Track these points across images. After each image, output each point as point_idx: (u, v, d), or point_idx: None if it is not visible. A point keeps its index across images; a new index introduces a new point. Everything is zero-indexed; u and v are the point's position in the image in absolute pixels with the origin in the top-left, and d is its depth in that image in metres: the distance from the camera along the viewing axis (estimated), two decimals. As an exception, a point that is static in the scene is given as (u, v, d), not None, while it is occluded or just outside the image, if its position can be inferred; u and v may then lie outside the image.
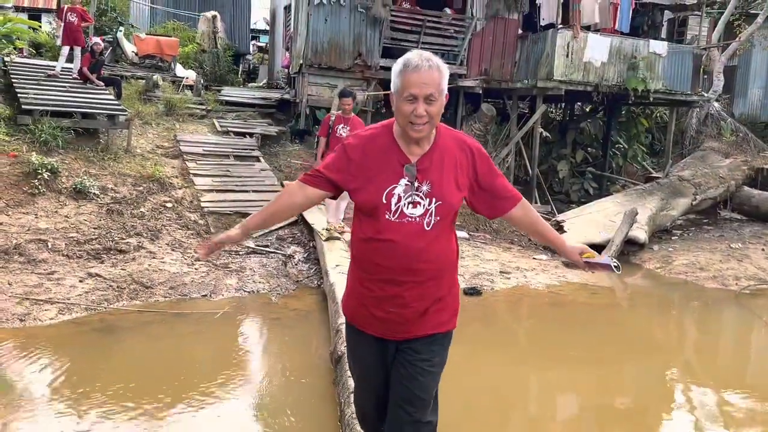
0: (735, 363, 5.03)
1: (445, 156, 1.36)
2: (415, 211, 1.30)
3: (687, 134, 10.13)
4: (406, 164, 1.32)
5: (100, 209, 6.13)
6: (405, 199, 1.30)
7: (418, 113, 1.21)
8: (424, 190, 1.31)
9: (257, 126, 8.61)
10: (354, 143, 1.38)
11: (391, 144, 1.33)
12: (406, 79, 1.23)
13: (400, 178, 1.30)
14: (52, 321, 4.27)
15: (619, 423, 3.51)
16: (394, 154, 1.32)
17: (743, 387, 4.19)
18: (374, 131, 1.41)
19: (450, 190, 1.34)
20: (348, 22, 8.46)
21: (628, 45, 7.89)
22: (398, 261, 1.30)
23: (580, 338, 5.16)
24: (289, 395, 3.43)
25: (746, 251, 6.95)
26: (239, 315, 4.87)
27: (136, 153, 7.21)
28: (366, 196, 1.32)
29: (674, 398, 4.06)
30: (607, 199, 7.81)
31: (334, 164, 1.36)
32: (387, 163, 1.32)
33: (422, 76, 1.22)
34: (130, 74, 9.34)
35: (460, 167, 1.36)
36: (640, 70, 7.78)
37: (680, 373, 4.60)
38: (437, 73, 1.24)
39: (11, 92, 7.24)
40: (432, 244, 1.33)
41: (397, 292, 1.32)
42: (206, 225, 6.36)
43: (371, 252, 1.34)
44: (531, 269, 6.38)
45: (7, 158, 6.13)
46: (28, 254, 5.10)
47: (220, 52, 10.94)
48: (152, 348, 4.20)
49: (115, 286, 4.96)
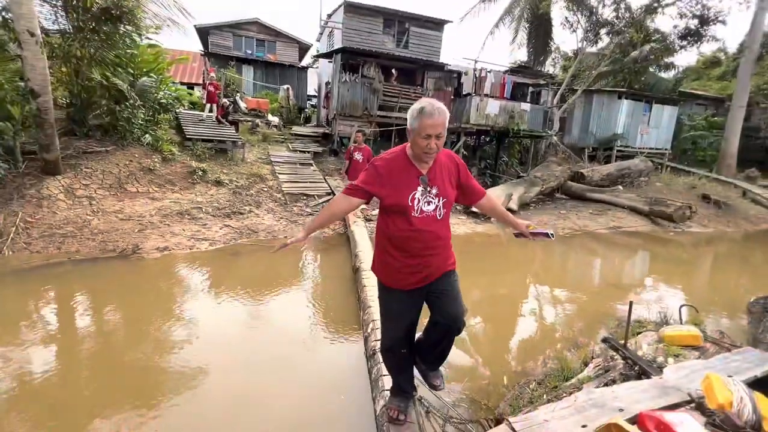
0: (560, 271, 6.69)
1: (443, 167, 1.83)
2: (429, 208, 1.76)
3: (539, 153, 13.52)
4: (420, 176, 1.76)
5: (229, 191, 8.23)
6: (422, 200, 1.74)
7: (431, 147, 1.68)
8: (434, 192, 1.76)
9: (311, 147, 11.81)
10: (381, 164, 1.78)
11: (407, 163, 1.77)
12: (422, 123, 1.63)
13: (417, 186, 1.75)
14: (206, 249, 5.76)
15: (503, 301, 4.95)
16: (411, 170, 1.76)
17: (563, 283, 5.77)
18: (394, 155, 1.82)
19: (449, 190, 1.82)
20: (360, 91, 12.06)
21: (509, 105, 11.65)
22: (425, 243, 1.78)
23: (481, 258, 6.58)
24: (330, 286, 4.92)
25: (567, 215, 9.91)
26: (303, 247, 6.27)
27: (247, 161, 9.94)
28: (395, 200, 1.73)
29: (528, 287, 5.60)
30: (497, 187, 10.34)
31: (368, 180, 1.77)
32: (407, 176, 1.75)
33: (435, 120, 1.62)
34: (243, 119, 12.56)
35: (451, 173, 1.85)
36: (516, 119, 11.55)
37: (532, 276, 6.17)
38: (443, 117, 1.65)
39: (180, 128, 10.16)
40: (441, 228, 1.82)
41: (426, 260, 1.82)
42: (285, 199, 8.56)
43: (405, 240, 1.78)
44: (457, 224, 8.17)
45: (180, 164, 8.64)
46: (193, 215, 6.95)
47: (291, 107, 14.75)
48: (258, 263, 5.61)
49: (238, 231, 6.62)
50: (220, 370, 3.08)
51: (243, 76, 16.40)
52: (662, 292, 5.85)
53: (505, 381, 2.97)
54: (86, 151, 8.04)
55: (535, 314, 4.69)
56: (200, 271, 5.29)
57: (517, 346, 3.72)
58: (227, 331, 3.74)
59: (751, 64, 15.01)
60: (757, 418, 1.66)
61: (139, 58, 9.59)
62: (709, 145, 17.20)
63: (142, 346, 3.44)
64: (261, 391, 2.88)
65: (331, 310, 4.25)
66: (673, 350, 2.74)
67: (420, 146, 1.69)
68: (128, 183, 7.82)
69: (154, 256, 5.65)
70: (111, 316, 4.06)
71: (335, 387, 2.93)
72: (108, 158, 8.14)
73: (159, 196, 7.77)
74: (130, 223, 6.62)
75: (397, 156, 1.81)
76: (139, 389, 2.86)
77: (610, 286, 5.82)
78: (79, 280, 4.83)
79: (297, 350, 3.46)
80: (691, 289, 6.12)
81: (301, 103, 17.14)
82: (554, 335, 4.05)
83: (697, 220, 10.43)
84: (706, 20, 12.65)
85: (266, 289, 4.66)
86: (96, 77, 8.27)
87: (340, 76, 12.08)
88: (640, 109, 15.16)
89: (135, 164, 8.28)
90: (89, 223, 6.33)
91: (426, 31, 14.58)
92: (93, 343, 3.50)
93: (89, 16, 7.85)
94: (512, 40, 15.83)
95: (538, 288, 5.72)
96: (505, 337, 4.08)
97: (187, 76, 18.49)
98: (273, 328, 3.91)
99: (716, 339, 2.97)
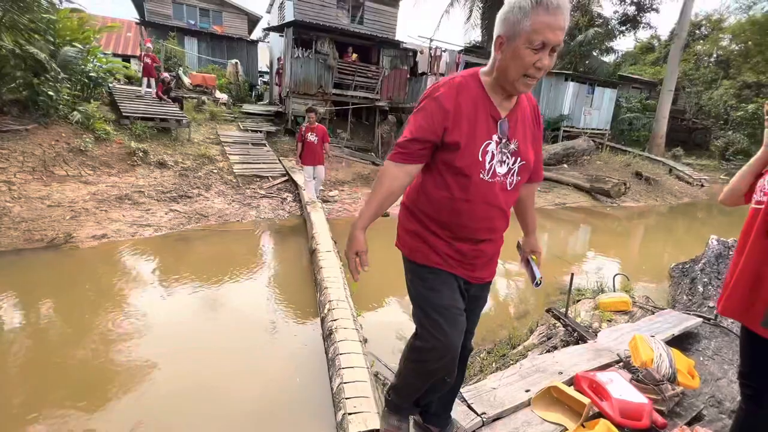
0: (509, 246, 8.92)
1: (525, 116, 1.19)
2: (501, 170, 1.14)
3: None
4: (499, 120, 1.12)
5: (174, 173, 7.87)
6: (496, 157, 1.12)
7: (543, 65, 1.01)
8: (512, 148, 1.14)
9: (264, 126, 11.35)
10: (446, 92, 1.12)
11: (482, 96, 1.12)
12: (540, 22, 0.96)
13: (492, 134, 1.11)
14: (150, 235, 5.51)
15: None
16: (485, 108, 1.11)
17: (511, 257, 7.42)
18: (462, 80, 1.14)
19: (529, 149, 1.18)
20: (314, 67, 11.79)
21: None
22: (483, 223, 1.19)
23: None
24: (286, 269, 4.83)
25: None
26: (257, 230, 6.23)
27: (194, 141, 9.41)
28: (463, 152, 1.11)
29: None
30: None
31: (429, 124, 1.12)
32: (478, 116, 1.11)
33: (559, 20, 0.97)
34: (187, 96, 11.74)
35: (531, 129, 1.21)
36: None
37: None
38: (567, 15, 0.98)
39: (115, 105, 9.43)
40: (509, 204, 1.22)
41: (478, 247, 1.25)
42: (236, 182, 8.26)
43: (455, 213, 1.19)
44: None
45: (116, 144, 7.96)
46: (134, 199, 6.61)
47: (240, 83, 14.10)
48: (209, 249, 5.39)
49: (186, 216, 6.37)
50: (171, 362, 2.96)
51: (186, 49, 15.21)
52: (600, 262, 6.37)
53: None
54: (1, 130, 7.14)
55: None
56: (144, 259, 5.00)
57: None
58: (177, 322, 3.58)
59: (679, 50, 16.26)
60: (672, 371, 1.88)
61: (60, 24, 8.56)
62: (642, 126, 18.66)
63: (83, 342, 3.21)
64: (215, 380, 2.81)
65: (287, 294, 4.20)
66: (606, 316, 3.00)
67: (523, 64, 1.04)
68: (55, 165, 7.09)
69: (90, 244, 5.22)
70: (44, 312, 3.72)
71: (292, 370, 2.92)
72: (29, 138, 7.30)
73: (93, 179, 7.15)
74: (59, 209, 6.03)
75: (465, 83, 1.16)
76: (81, 387, 2.69)
77: (555, 259, 6.19)
78: (2, 274, 4.35)
79: (252, 337, 3.40)
80: (625, 259, 6.68)
81: (252, 79, 16.45)
82: (507, 308, 4.27)
83: (631, 196, 11.37)
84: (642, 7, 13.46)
85: (218, 276, 4.52)
86: (7, 45, 7.27)
87: (293, 51, 11.66)
88: (584, 91, 16.00)
89: (62, 144, 7.52)
90: (10, 211, 5.70)
91: (382, 7, 14.24)
92: (24, 343, 3.21)
93: (-7, -28, 6.79)
94: (466, 19, 15.93)
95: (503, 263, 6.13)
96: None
97: (122, 47, 16.80)
98: (226, 316, 3.81)
99: (642, 304, 3.30)
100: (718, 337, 2.79)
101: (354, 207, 8.23)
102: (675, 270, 4.78)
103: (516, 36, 1.02)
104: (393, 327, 3.65)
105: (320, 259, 4.18)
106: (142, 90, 10.62)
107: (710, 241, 4.56)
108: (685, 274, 4.47)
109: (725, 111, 19.58)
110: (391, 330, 3.59)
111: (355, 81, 12.28)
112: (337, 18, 13.64)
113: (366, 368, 2.32)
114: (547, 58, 1.02)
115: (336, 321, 2.85)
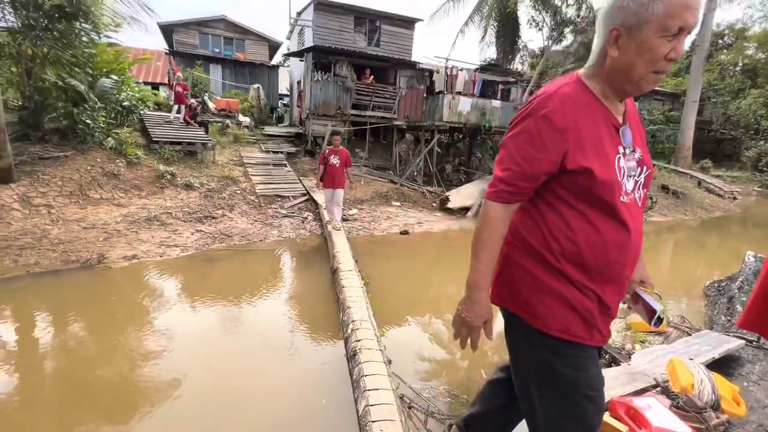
0: None
1: (632, 114, 1.02)
2: (630, 185, 0.93)
3: None
4: (619, 127, 0.94)
5: (200, 195, 8.16)
6: (625, 171, 0.92)
7: (678, 54, 0.83)
8: (637, 157, 0.95)
9: (284, 147, 11.78)
10: (557, 107, 0.91)
11: (596, 104, 0.93)
12: (676, 2, 0.80)
13: (618, 145, 0.93)
14: (177, 256, 5.65)
15: None
16: (604, 117, 0.93)
17: None
18: (569, 88, 0.94)
19: (647, 154, 0.99)
20: (332, 90, 12.09)
21: (480, 102, 11.84)
22: (631, 252, 0.94)
23: (457, 254, 6.09)
24: (308, 288, 4.79)
25: None
26: (279, 249, 6.30)
27: (218, 163, 9.79)
28: (596, 176, 0.89)
29: None
30: (471, 183, 10.89)
31: (541, 152, 0.90)
32: (600, 129, 0.92)
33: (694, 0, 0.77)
34: (212, 120, 12.30)
35: (640, 127, 1.01)
36: (487, 116, 11.76)
37: None
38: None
39: (145, 130, 9.87)
40: (641, 223, 0.94)
41: (620, 290, 0.99)
42: (258, 202, 8.46)
43: (603, 248, 0.92)
44: (433, 221, 8.70)
45: (146, 167, 8.39)
46: (162, 221, 6.82)
47: (262, 106, 14.73)
48: (233, 269, 5.44)
49: (211, 236, 6.53)
50: (195, 381, 3.00)
51: (211, 76, 15.97)
52: (628, 280, 6.06)
53: (483, 374, 3.04)
54: (43, 157, 7.60)
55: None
56: (172, 279, 5.13)
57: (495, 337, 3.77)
58: (200, 342, 3.63)
59: (702, 61, 15.94)
60: (716, 398, 1.78)
61: (98, 58, 9.16)
62: (666, 138, 18.19)
63: (114, 360, 3.29)
64: (239, 400, 2.82)
65: (309, 314, 4.21)
66: (639, 336, 2.88)
67: (654, 57, 0.87)
68: (91, 189, 7.46)
69: (121, 265, 5.41)
70: (77, 331, 3.85)
71: (316, 391, 2.90)
72: (67, 164, 7.72)
73: (125, 202, 7.47)
74: (93, 231, 6.31)
75: (573, 90, 0.96)
76: (111, 405, 2.74)
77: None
78: (40, 294, 4.56)
79: (275, 356, 3.41)
80: (655, 276, 6.31)
81: (273, 102, 17.18)
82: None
83: (658, 210, 10.99)
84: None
85: (241, 296, 4.58)
86: (51, 78, 7.82)
87: (312, 75, 11.99)
88: (603, 105, 15.67)
89: (97, 169, 7.91)
90: (49, 233, 6.00)
91: (397, 30, 14.60)
92: (59, 361, 3.31)
93: (41, 14, 7.38)
94: (481, 38, 16.13)
95: None
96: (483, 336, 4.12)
97: (152, 75, 17.79)
98: (249, 336, 3.83)
99: (678, 324, 3.15)
100: (762, 361, 2.63)
101: (373, 225, 8.26)
102: (710, 288, 4.57)
103: (643, 24, 0.84)
104: (415, 346, 3.61)
105: (342, 279, 4.19)
106: (171, 116, 11.10)
107: (747, 258, 4.35)
108: (721, 292, 4.27)
109: (755, 120, 18.89)
110: (412, 349, 3.55)
111: (373, 101, 12.49)
112: (355, 42, 14.05)
113: (392, 390, 2.29)
114: (681, 45, 0.85)
115: (360, 342, 2.84)
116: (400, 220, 8.44)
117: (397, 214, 9.14)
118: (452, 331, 1.17)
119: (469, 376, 3.11)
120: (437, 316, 4.37)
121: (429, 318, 4.25)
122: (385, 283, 4.92)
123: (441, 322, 4.17)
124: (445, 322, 4.19)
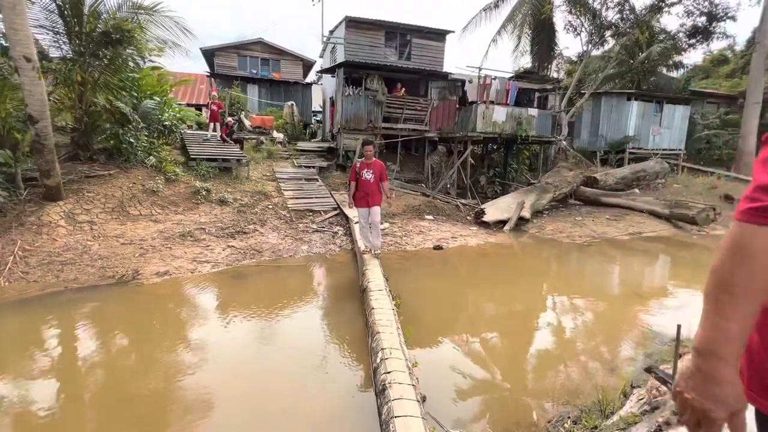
0: (578, 281, 6.37)
1: None
2: None
3: (549, 159, 13.30)
4: None
5: (233, 210, 8.29)
6: None
7: None
8: None
9: (316, 162, 11.93)
10: None
11: None
12: None
13: None
14: (208, 272, 5.72)
15: (518, 314, 4.73)
16: None
17: (583, 293, 5.49)
18: None
19: None
20: (363, 104, 12.21)
21: (516, 111, 11.54)
22: None
23: (495, 270, 6.55)
24: (336, 307, 4.70)
25: (584, 222, 9.66)
26: (309, 265, 6.32)
27: (252, 179, 9.90)
28: None
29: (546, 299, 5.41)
30: (507, 195, 10.59)
31: None
32: None
33: None
34: (248, 137, 12.71)
35: None
36: (524, 125, 11.42)
37: (549, 286, 5.93)
38: None
39: (184, 148, 10.24)
40: None
41: None
42: (290, 216, 8.47)
43: None
44: (468, 236, 8.38)
45: (183, 184, 8.63)
46: (195, 236, 6.96)
47: (296, 123, 14.97)
48: (262, 285, 5.43)
49: (242, 252, 6.58)
50: (220, 400, 2.87)
51: (248, 95, 16.55)
52: (697, 301, 5.40)
53: (534, 417, 2.62)
54: (89, 175, 7.98)
55: (559, 331, 4.34)
56: (201, 295, 5.10)
57: (545, 374, 3.35)
58: (226, 361, 3.50)
59: (763, 59, 14.56)
60: None
61: (143, 81, 9.63)
62: (724, 144, 16.69)
63: (149, 376, 3.23)
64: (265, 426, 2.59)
65: (338, 336, 3.99)
66: None
67: None
68: (131, 206, 7.71)
69: (153, 281, 5.44)
70: (113, 345, 3.85)
71: (341, 427, 2.61)
72: (111, 181, 8.05)
73: (161, 218, 7.66)
74: (131, 247, 6.44)
75: None
76: (148, 420, 2.68)
77: (634, 296, 5.39)
78: (77, 310, 4.62)
79: (298, 387, 3.17)
80: None
81: (306, 118, 17.43)
82: (586, 359, 3.67)
83: (722, 222, 9.93)
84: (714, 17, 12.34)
85: (268, 314, 4.45)
86: (100, 101, 8.26)
87: (344, 89, 12.12)
88: (650, 110, 14.76)
89: (138, 186, 8.19)
90: (89, 249, 6.18)
91: (428, 42, 14.51)
92: (97, 375, 3.30)
93: (90, 41, 7.85)
94: (515, 47, 15.71)
95: (556, 297, 5.46)
96: (531, 365, 3.70)
97: (195, 97, 18.69)
98: (274, 357, 3.65)
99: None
100: None
101: (405, 240, 7.96)
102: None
103: None
104: (453, 378, 3.24)
105: (371, 299, 3.95)
106: (209, 134, 11.49)
107: None
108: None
109: (828, 122, 16.95)
110: (450, 382, 3.18)
111: (404, 114, 12.44)
112: (386, 56, 14.09)
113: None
114: None
115: (390, 374, 2.54)
116: (433, 234, 8.25)
117: (429, 228, 8.85)
118: (494, 359, 0.78)
119: (520, 417, 2.69)
120: (475, 340, 4.01)
121: (467, 343, 3.90)
122: (417, 303, 4.68)
123: (480, 348, 3.82)
124: (485, 348, 3.83)
